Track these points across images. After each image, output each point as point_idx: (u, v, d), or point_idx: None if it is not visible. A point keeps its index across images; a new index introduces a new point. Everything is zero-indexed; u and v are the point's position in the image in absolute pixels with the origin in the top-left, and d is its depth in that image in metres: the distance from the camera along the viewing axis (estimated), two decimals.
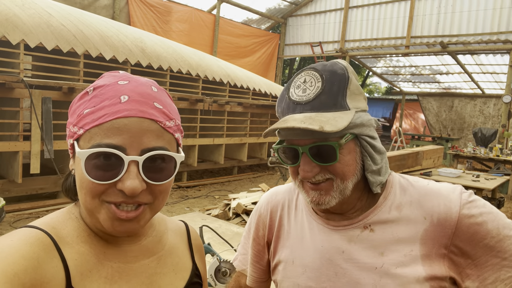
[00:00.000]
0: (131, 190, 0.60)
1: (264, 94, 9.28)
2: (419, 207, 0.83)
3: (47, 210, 5.11)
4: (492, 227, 0.78)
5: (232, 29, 13.94)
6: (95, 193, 0.62)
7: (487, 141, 9.60)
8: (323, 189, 0.82)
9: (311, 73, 0.83)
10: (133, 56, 6.35)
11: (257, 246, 1.05)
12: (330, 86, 0.80)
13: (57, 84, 5.22)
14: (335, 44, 13.99)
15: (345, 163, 0.81)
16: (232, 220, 5.07)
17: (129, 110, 0.62)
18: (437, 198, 0.83)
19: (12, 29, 4.96)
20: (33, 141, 5.07)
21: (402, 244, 0.82)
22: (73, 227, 0.68)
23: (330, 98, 0.79)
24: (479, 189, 4.89)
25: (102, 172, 0.60)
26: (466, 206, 0.80)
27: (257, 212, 1.06)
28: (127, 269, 0.70)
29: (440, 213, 0.81)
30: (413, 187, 0.87)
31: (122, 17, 10.69)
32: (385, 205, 0.86)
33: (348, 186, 0.82)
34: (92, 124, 0.62)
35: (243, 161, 8.75)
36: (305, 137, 0.80)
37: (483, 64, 11.86)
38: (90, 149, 0.60)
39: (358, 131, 0.82)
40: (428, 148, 5.81)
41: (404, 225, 0.83)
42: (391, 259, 0.82)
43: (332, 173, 0.81)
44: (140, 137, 0.62)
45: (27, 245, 0.60)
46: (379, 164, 0.85)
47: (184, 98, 7.01)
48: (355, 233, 0.87)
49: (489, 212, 0.79)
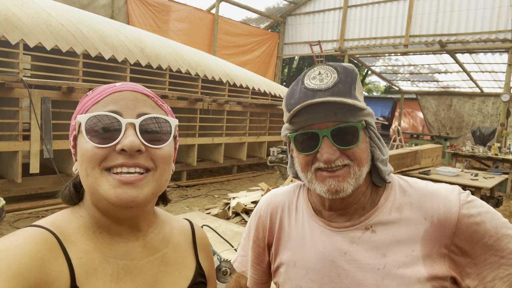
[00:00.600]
0: (129, 145, 0.63)
1: (263, 94, 9.28)
2: (419, 208, 0.85)
3: (46, 210, 5.11)
4: (490, 227, 0.79)
5: (231, 28, 13.93)
6: (96, 159, 0.63)
7: (485, 140, 9.62)
8: (340, 175, 0.82)
9: (325, 66, 0.86)
10: (132, 56, 6.35)
11: (257, 248, 1.05)
12: (345, 77, 0.83)
13: (56, 84, 5.22)
14: (334, 43, 13.99)
15: (362, 149, 0.84)
16: (231, 219, 5.08)
17: (123, 86, 0.70)
18: (436, 199, 0.84)
19: (11, 29, 4.96)
20: (32, 141, 5.07)
21: (403, 245, 0.83)
22: (78, 225, 0.69)
23: (346, 87, 0.82)
24: (478, 188, 4.91)
25: (102, 138, 0.64)
26: (465, 206, 0.81)
27: (257, 214, 1.07)
28: (132, 266, 0.70)
29: (440, 213, 0.82)
30: (412, 188, 0.89)
31: (121, 16, 10.67)
32: (386, 207, 0.88)
33: (363, 173, 0.84)
34: (91, 104, 0.68)
35: (243, 160, 8.76)
36: (327, 120, 0.82)
37: (482, 63, 11.87)
38: (89, 114, 0.65)
39: (370, 120, 0.86)
40: (427, 147, 5.82)
41: (405, 226, 0.84)
42: (393, 260, 0.83)
43: (351, 158, 0.83)
44: (135, 104, 0.68)
45: (32, 244, 0.60)
46: (386, 155, 0.88)
47: (184, 98, 7.01)
48: (357, 234, 0.87)
49: (487, 212, 0.81)
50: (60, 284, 0.61)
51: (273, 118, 9.46)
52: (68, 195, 0.73)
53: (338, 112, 0.81)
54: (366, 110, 0.85)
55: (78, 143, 0.68)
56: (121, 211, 0.67)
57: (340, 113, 0.81)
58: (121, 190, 0.63)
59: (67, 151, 5.52)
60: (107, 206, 0.66)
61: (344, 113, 0.82)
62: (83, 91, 5.47)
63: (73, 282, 0.62)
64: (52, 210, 5.14)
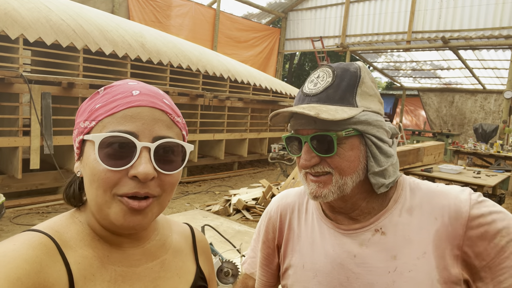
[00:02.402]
0: (144, 175, 0.61)
1: (264, 90, 9.24)
2: (429, 209, 0.83)
3: (47, 206, 5.10)
4: (502, 226, 0.77)
5: (233, 23, 13.86)
6: (108, 184, 0.61)
7: (487, 137, 9.59)
8: (322, 181, 0.83)
9: (325, 69, 0.86)
10: (133, 51, 6.31)
11: (266, 249, 1.05)
12: (339, 82, 0.82)
13: (56, 79, 5.19)
14: (336, 39, 13.92)
15: (345, 158, 0.82)
16: (232, 216, 5.07)
17: (141, 100, 0.64)
18: (447, 198, 0.83)
19: (11, 24, 4.92)
20: (32, 137, 5.05)
21: (414, 246, 0.81)
22: (76, 231, 0.68)
23: (337, 92, 0.82)
24: (480, 185, 4.89)
25: (115, 160, 0.61)
26: (475, 205, 0.79)
27: (267, 215, 1.06)
28: (130, 273, 0.70)
29: (451, 212, 0.80)
30: (422, 189, 0.87)
31: (121, 11, 10.61)
32: (396, 208, 0.86)
33: (348, 183, 0.82)
34: (105, 115, 0.63)
35: (244, 156, 8.74)
36: (307, 127, 0.83)
37: (485, 60, 11.82)
38: (104, 133, 0.61)
39: (363, 128, 0.82)
40: (429, 145, 5.79)
41: (416, 228, 0.83)
42: (404, 263, 0.81)
43: (331, 167, 0.82)
44: (152, 125, 0.64)
45: (30, 249, 0.59)
46: (383, 166, 0.84)
47: (185, 93, 6.98)
48: (366, 236, 0.86)
49: (499, 212, 0.79)
50: None
51: None
52: (72, 196, 0.72)
53: (318, 120, 0.80)
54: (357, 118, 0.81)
55: (86, 153, 0.65)
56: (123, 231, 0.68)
57: (319, 121, 0.80)
58: (131, 218, 0.63)
59: (68, 147, 5.50)
60: (111, 224, 0.65)
61: (324, 122, 0.80)
62: (83, 86, 5.44)
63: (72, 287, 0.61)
64: (52, 206, 5.13)
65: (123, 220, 0.63)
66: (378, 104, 0.88)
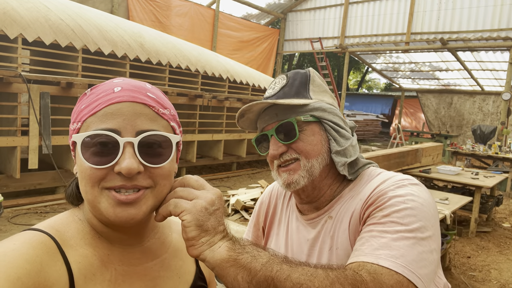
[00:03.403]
0: (127, 170, 0.60)
1: (263, 90, 9.24)
2: (362, 192, 0.90)
3: (45, 206, 5.09)
4: (391, 208, 0.79)
5: (232, 24, 13.86)
6: (95, 179, 0.62)
7: (486, 138, 9.60)
8: (291, 169, 0.91)
9: (280, 76, 0.99)
10: (132, 51, 6.31)
11: (256, 231, 1.15)
12: (292, 81, 0.95)
13: (55, 79, 5.18)
14: (335, 40, 13.94)
15: (308, 142, 0.90)
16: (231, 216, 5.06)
17: (121, 96, 0.64)
18: (374, 183, 0.89)
19: (10, 23, 4.92)
20: (31, 136, 5.05)
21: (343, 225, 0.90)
22: (77, 229, 0.68)
23: (292, 89, 0.93)
24: (478, 186, 4.90)
25: (99, 158, 0.61)
26: (392, 187, 0.84)
27: (260, 200, 1.18)
28: (130, 272, 0.70)
29: (367, 192, 0.88)
30: (376, 178, 0.92)
31: (120, 11, 10.61)
32: (347, 195, 0.94)
33: (315, 165, 0.90)
34: (88, 115, 0.64)
35: (242, 157, 8.74)
36: (271, 121, 0.92)
37: (483, 61, 11.84)
38: (85, 133, 0.62)
39: (320, 114, 0.92)
40: (428, 146, 5.80)
41: (348, 209, 0.91)
42: (338, 241, 0.91)
43: (297, 152, 0.90)
44: (134, 120, 0.63)
45: (30, 249, 0.59)
46: (343, 145, 0.93)
47: (183, 94, 6.98)
48: (320, 223, 0.96)
49: (407, 199, 0.80)
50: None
51: None
52: (72, 195, 0.73)
53: (279, 112, 0.91)
54: (310, 106, 0.91)
55: (77, 153, 0.65)
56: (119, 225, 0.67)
57: (280, 113, 0.91)
58: (120, 209, 0.62)
59: (66, 147, 5.50)
60: (107, 220, 0.65)
61: (284, 112, 0.91)
62: (82, 86, 5.43)
63: (72, 287, 0.61)
64: (50, 206, 5.12)
65: (113, 213, 0.62)
66: (331, 98, 0.98)
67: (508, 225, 5.69)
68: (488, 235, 5.11)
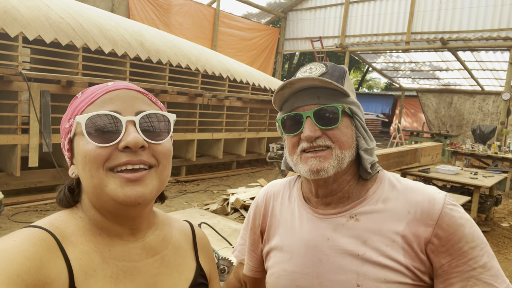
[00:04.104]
0: (134, 142, 0.63)
1: (263, 89, 9.25)
2: (404, 202, 0.87)
3: (45, 204, 5.11)
4: (468, 233, 0.81)
5: (232, 23, 13.86)
6: (100, 160, 0.63)
7: (485, 138, 9.61)
8: (322, 156, 0.86)
9: (316, 62, 0.95)
10: (132, 50, 6.31)
11: (253, 235, 1.10)
12: (332, 71, 0.91)
13: (55, 77, 5.19)
14: (335, 39, 13.93)
15: (344, 133, 0.88)
16: (230, 215, 5.08)
17: (117, 85, 0.69)
18: (422, 194, 0.87)
19: (11, 22, 4.93)
20: (31, 134, 5.06)
21: (385, 234, 0.85)
22: (77, 226, 0.69)
23: (332, 78, 0.89)
24: (477, 186, 4.91)
25: (103, 138, 0.63)
26: (448, 207, 0.83)
27: (255, 202, 1.12)
28: (131, 268, 0.70)
29: (424, 207, 0.84)
30: (401, 184, 0.92)
31: (121, 10, 10.61)
32: (373, 198, 0.91)
33: (346, 157, 0.87)
34: (86, 105, 0.67)
35: (242, 156, 8.75)
36: (310, 102, 0.88)
37: (483, 61, 11.84)
38: (88, 114, 0.64)
39: (355, 109, 0.90)
40: (427, 145, 5.81)
41: (389, 217, 0.87)
42: (373, 248, 0.85)
43: (332, 140, 0.87)
44: (132, 103, 0.68)
45: (30, 245, 0.60)
46: (371, 146, 0.91)
47: (183, 93, 6.99)
48: (341, 221, 0.91)
49: (468, 219, 0.83)
50: (59, 285, 0.60)
51: (273, 114, 9.43)
52: (64, 199, 0.73)
53: (321, 95, 0.88)
54: (350, 99, 0.90)
55: (76, 145, 0.66)
56: (127, 210, 0.67)
57: (323, 96, 0.88)
58: (128, 188, 0.63)
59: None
60: (113, 206, 0.66)
61: (327, 96, 0.88)
62: (82, 85, 5.45)
63: (72, 283, 0.62)
64: (51, 203, 5.14)
65: (122, 193, 0.63)
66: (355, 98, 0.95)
67: (506, 224, 5.70)
68: (486, 235, 5.13)
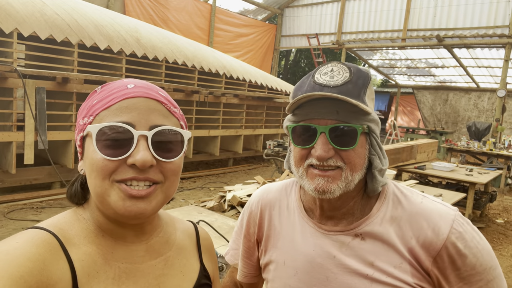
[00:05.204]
0: (141, 162, 0.61)
1: (260, 86, 9.24)
2: (408, 225, 0.84)
3: (41, 201, 5.09)
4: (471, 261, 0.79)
5: (229, 19, 13.82)
6: (106, 172, 0.62)
7: (480, 135, 9.67)
8: (331, 176, 0.81)
9: (339, 64, 0.84)
10: (128, 46, 6.28)
11: (247, 242, 1.06)
12: (356, 79, 0.81)
13: (51, 74, 5.16)
14: (332, 36, 13.94)
15: (358, 154, 0.81)
16: (227, 212, 5.08)
17: (136, 92, 0.66)
18: (427, 220, 0.82)
19: (5, 18, 4.88)
20: (26, 132, 5.03)
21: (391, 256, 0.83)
22: (80, 228, 0.68)
23: (355, 89, 0.80)
24: (472, 183, 4.94)
25: (113, 150, 0.62)
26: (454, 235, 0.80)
27: (248, 209, 1.07)
28: (134, 269, 0.70)
29: (427, 237, 0.81)
30: (406, 202, 0.87)
31: (116, 6, 10.55)
32: (377, 217, 0.86)
33: (355, 179, 0.82)
34: (101, 109, 0.65)
35: (239, 153, 8.75)
36: (328, 117, 0.80)
37: (479, 58, 11.90)
38: (101, 124, 0.63)
39: (373, 127, 0.83)
40: (423, 142, 5.84)
41: (394, 239, 0.84)
42: (381, 269, 0.83)
43: (344, 161, 0.81)
44: (148, 115, 0.65)
45: (33, 247, 0.59)
46: (385, 166, 0.85)
47: (180, 90, 6.97)
48: (346, 240, 0.87)
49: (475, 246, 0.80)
50: (62, 286, 0.60)
51: (269, 111, 9.43)
52: (75, 195, 0.72)
53: (341, 111, 0.79)
54: (371, 116, 0.82)
55: (86, 148, 0.66)
56: (128, 221, 0.67)
57: (342, 112, 0.79)
58: (130, 203, 0.63)
59: (62, 142, 5.48)
60: (114, 215, 0.66)
61: (347, 113, 0.80)
62: (78, 81, 5.41)
63: (75, 285, 0.61)
64: (46, 201, 5.11)
65: (122, 207, 0.63)
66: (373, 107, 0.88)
67: (501, 221, 5.75)
68: (481, 231, 5.15)
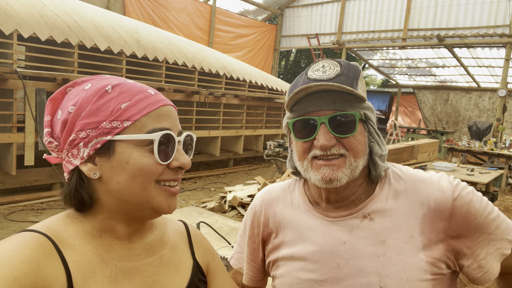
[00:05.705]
0: (187, 163, 0.72)
1: (260, 87, 9.24)
2: (415, 195, 0.87)
3: (41, 202, 5.09)
4: (479, 206, 0.84)
5: (229, 19, 13.83)
6: (155, 175, 0.68)
7: (481, 135, 9.66)
8: (335, 164, 0.83)
9: (329, 60, 0.89)
10: (128, 47, 6.28)
11: (252, 244, 1.06)
12: (347, 72, 0.85)
13: (51, 75, 5.16)
14: (332, 36, 13.93)
15: (358, 140, 0.85)
16: (228, 213, 5.08)
17: (164, 100, 0.73)
18: (430, 185, 0.87)
19: (5, 19, 4.88)
20: (27, 133, 5.03)
21: (402, 231, 0.85)
22: (75, 229, 0.68)
23: (347, 80, 0.83)
24: (474, 183, 4.93)
25: (163, 155, 0.69)
26: (457, 190, 0.86)
27: (252, 210, 1.07)
28: (130, 268, 0.71)
29: (437, 198, 0.85)
30: (405, 175, 0.92)
31: (116, 7, 10.55)
32: (382, 195, 0.89)
33: (359, 165, 0.85)
34: (141, 114, 0.68)
35: (239, 153, 8.74)
36: (325, 108, 0.84)
37: (479, 58, 11.88)
38: (161, 132, 0.68)
39: (369, 114, 0.87)
40: (424, 142, 5.83)
41: (403, 213, 0.86)
42: (392, 246, 0.84)
43: (347, 148, 0.84)
44: (176, 121, 0.74)
45: (26, 249, 0.60)
46: (384, 152, 0.89)
47: (180, 90, 6.96)
48: (355, 223, 0.89)
49: (471, 191, 0.87)
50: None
51: (270, 111, 9.43)
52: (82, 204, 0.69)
53: (337, 101, 0.84)
54: (365, 103, 0.86)
55: (122, 152, 0.66)
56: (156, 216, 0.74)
57: (339, 102, 0.84)
58: (171, 201, 0.72)
59: None
60: (148, 214, 0.72)
61: (343, 102, 0.84)
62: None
63: (70, 286, 0.62)
64: (47, 202, 5.11)
65: (167, 205, 0.70)
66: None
67: None
68: None
